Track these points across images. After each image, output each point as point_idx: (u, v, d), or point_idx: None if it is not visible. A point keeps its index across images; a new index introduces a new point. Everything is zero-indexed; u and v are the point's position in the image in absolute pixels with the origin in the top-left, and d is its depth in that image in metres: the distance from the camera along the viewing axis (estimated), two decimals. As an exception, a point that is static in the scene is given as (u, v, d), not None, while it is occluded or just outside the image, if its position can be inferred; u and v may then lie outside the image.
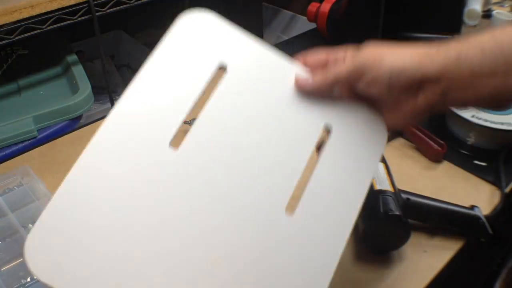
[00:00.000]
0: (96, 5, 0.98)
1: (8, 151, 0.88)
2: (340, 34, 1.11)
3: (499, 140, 0.80)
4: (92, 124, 0.90)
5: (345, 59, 0.44)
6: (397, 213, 0.60)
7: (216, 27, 0.43)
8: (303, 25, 1.57)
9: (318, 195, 0.40)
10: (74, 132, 0.88)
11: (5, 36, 0.89)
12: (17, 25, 0.89)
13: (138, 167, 0.35)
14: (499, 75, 0.36)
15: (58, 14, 0.93)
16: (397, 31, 1.14)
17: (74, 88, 1.03)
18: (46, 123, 0.95)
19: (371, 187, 0.65)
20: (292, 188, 0.39)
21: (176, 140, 0.36)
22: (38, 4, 0.90)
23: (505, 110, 0.78)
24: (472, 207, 0.66)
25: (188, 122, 0.86)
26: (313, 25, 1.18)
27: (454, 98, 0.40)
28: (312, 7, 1.16)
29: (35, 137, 0.92)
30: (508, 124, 0.78)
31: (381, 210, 0.60)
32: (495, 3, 1.30)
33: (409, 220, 0.62)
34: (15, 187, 0.72)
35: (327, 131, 0.40)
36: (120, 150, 0.35)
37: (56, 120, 0.96)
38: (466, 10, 1.21)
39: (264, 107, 0.40)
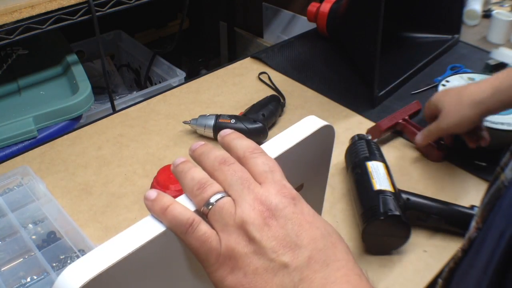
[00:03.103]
0: (96, 5, 0.98)
1: (8, 151, 0.88)
2: (340, 34, 1.11)
3: (499, 140, 0.80)
4: (92, 124, 0.90)
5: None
6: (397, 213, 0.60)
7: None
8: (303, 25, 1.57)
9: None
10: (74, 132, 0.88)
11: (5, 36, 0.89)
12: (17, 25, 0.89)
13: None
14: None
15: (58, 14, 0.93)
16: (397, 31, 1.14)
17: (74, 88, 1.03)
18: (46, 123, 0.95)
19: (371, 187, 0.65)
20: None
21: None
22: (38, 4, 0.90)
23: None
24: (472, 207, 0.66)
25: (188, 122, 0.86)
26: (313, 25, 1.18)
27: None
28: (312, 7, 1.16)
29: (35, 137, 0.92)
30: (508, 124, 0.78)
31: (381, 210, 0.61)
32: (495, 3, 1.30)
33: (409, 220, 0.62)
34: (15, 187, 0.72)
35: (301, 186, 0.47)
36: None
37: (56, 120, 0.96)
38: (466, 10, 1.21)
39: None
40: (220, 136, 0.40)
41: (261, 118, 0.84)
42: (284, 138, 0.41)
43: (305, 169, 0.45)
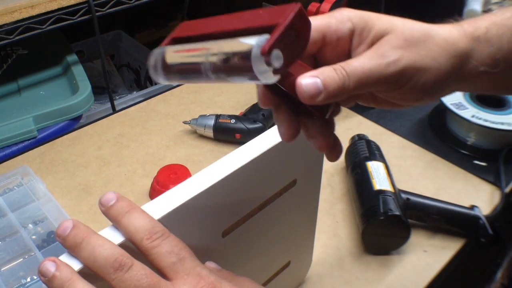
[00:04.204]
0: (96, 5, 0.98)
1: (8, 151, 0.88)
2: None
3: (499, 140, 0.80)
4: (92, 124, 0.90)
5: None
6: (397, 213, 0.60)
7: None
8: (303, 25, 1.56)
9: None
10: (74, 132, 0.88)
11: (5, 36, 0.89)
12: (17, 25, 0.89)
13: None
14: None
15: (58, 14, 0.93)
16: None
17: (74, 88, 1.04)
18: (46, 123, 0.95)
19: (371, 187, 0.65)
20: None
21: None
22: (38, 4, 0.90)
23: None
24: (472, 207, 0.66)
25: (188, 122, 0.86)
26: (313, 25, 1.18)
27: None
28: (312, 7, 1.16)
29: (35, 137, 0.92)
30: (508, 124, 0.78)
31: (381, 210, 0.61)
32: (495, 3, 1.30)
33: (409, 220, 0.62)
34: (15, 187, 0.73)
35: (293, 182, 0.46)
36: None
37: (56, 120, 0.96)
38: (466, 10, 1.21)
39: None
40: (103, 206, 0.32)
41: (261, 118, 0.84)
42: (272, 135, 0.41)
43: (297, 164, 0.45)
